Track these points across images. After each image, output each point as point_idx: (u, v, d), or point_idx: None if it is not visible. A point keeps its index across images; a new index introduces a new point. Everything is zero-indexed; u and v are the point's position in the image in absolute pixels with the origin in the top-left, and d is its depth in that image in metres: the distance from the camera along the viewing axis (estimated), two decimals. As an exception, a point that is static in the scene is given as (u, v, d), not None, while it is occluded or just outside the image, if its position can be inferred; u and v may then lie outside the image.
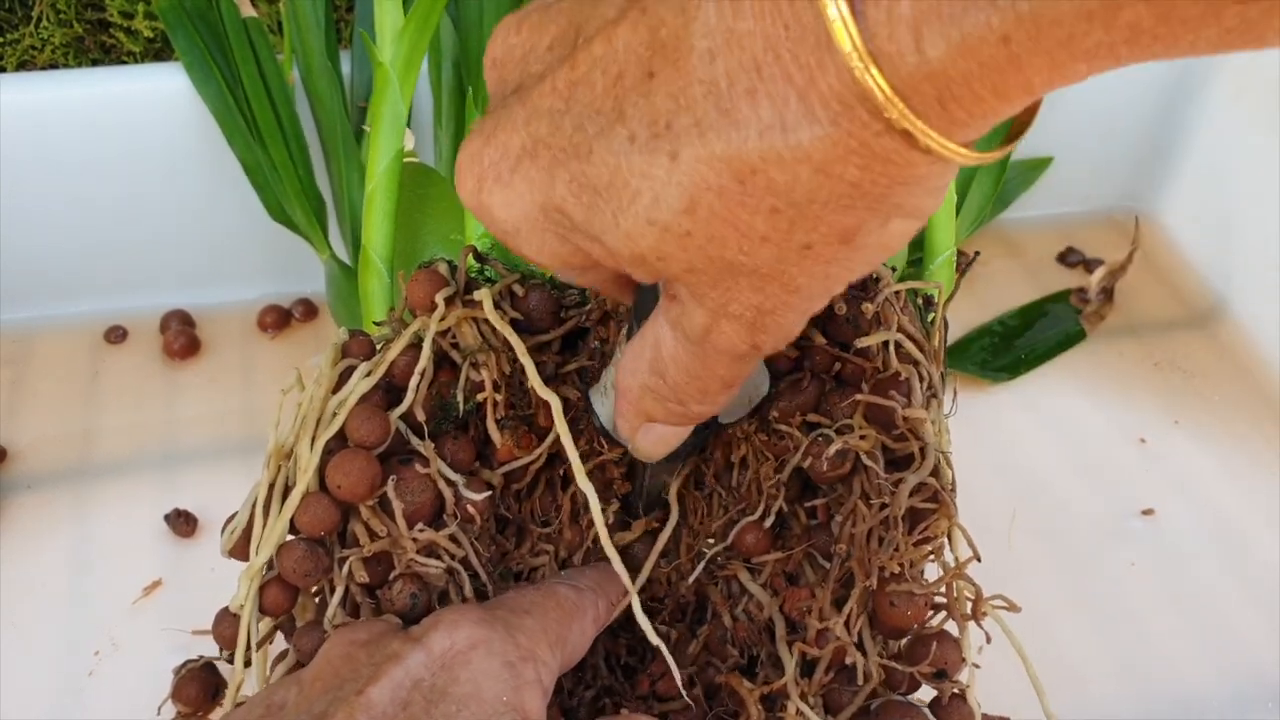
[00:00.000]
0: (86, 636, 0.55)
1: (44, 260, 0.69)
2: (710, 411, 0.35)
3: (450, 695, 0.33)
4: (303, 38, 0.65)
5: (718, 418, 0.40)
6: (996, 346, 0.72)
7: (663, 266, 0.29)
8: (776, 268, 0.28)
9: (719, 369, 0.32)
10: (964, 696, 0.41)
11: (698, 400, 0.34)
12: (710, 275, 0.28)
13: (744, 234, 0.27)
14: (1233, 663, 0.57)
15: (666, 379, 0.33)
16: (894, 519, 0.39)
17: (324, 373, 0.42)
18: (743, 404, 0.41)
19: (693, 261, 0.28)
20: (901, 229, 0.28)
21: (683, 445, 0.39)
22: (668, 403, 0.34)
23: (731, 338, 0.30)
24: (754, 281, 0.28)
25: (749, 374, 0.33)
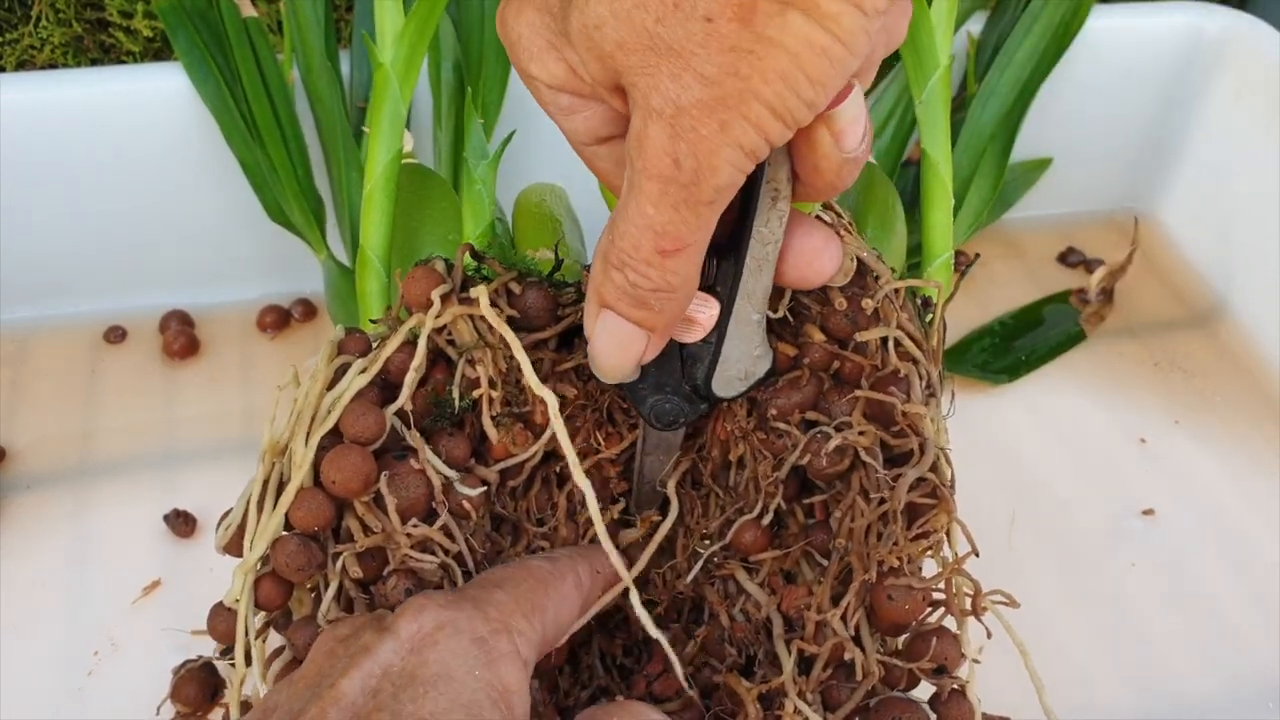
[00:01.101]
0: (86, 636, 0.55)
1: (44, 260, 0.69)
2: (648, 295, 0.34)
3: (419, 678, 0.33)
4: (303, 38, 0.65)
5: (714, 390, 0.40)
6: (996, 348, 0.72)
7: (599, 37, 0.30)
8: (686, 46, 0.29)
9: (649, 206, 0.32)
10: (963, 692, 0.41)
11: (635, 261, 0.33)
12: (638, 54, 0.30)
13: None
14: (1233, 663, 0.57)
15: (614, 234, 0.33)
16: (893, 514, 0.39)
17: (319, 369, 0.42)
18: (737, 378, 0.40)
19: (621, 32, 0.29)
20: (804, 30, 0.28)
21: (674, 415, 0.40)
22: (612, 271, 0.34)
23: (656, 143, 0.31)
24: (671, 66, 0.29)
25: (684, 234, 0.33)
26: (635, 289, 0.34)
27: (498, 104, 0.65)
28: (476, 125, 0.56)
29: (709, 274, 0.37)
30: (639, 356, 0.37)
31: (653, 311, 0.35)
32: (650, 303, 0.34)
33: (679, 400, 0.41)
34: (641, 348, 0.36)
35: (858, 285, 0.42)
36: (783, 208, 0.36)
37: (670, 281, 0.34)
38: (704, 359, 0.39)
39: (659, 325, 0.36)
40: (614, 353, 0.37)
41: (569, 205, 0.57)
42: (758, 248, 0.37)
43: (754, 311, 0.39)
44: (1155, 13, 0.76)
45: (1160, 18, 0.75)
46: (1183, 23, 0.75)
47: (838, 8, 0.28)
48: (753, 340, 0.40)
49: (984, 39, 0.73)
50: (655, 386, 0.40)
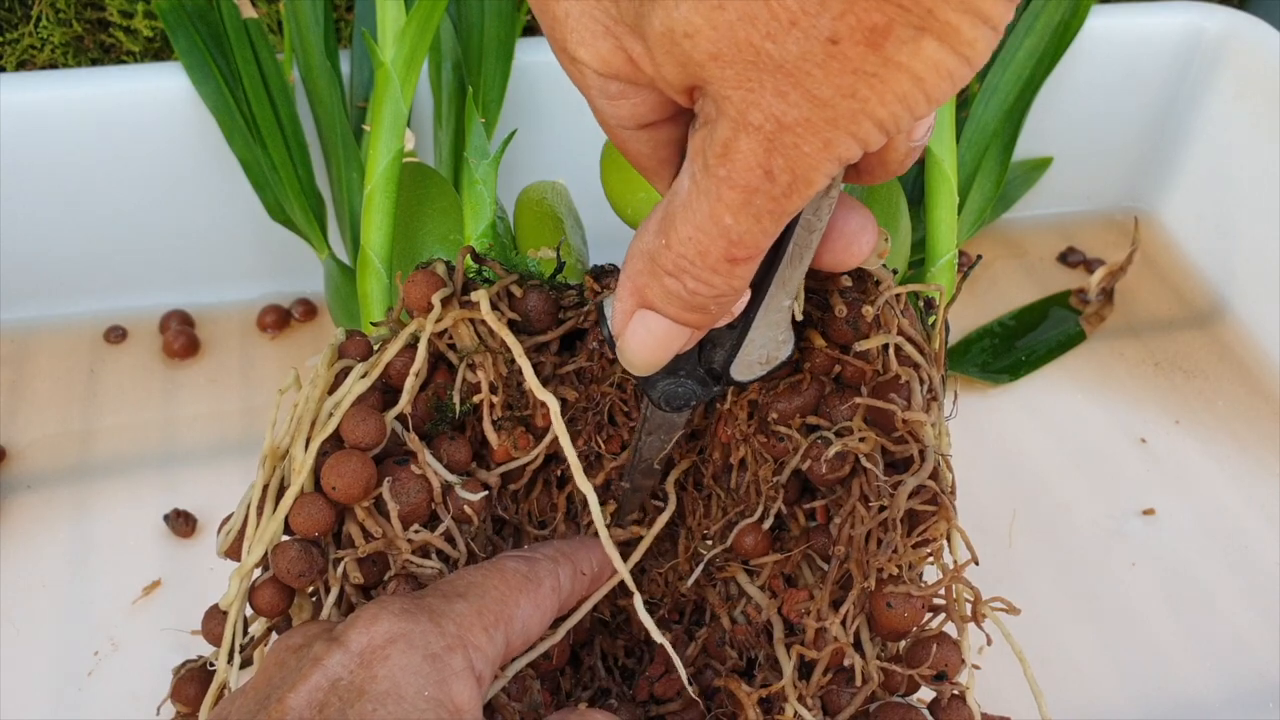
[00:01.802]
0: (86, 636, 0.55)
1: (44, 260, 0.69)
2: (708, 301, 0.33)
3: (368, 693, 0.32)
4: (303, 38, 0.65)
5: (733, 374, 0.38)
6: (997, 348, 0.72)
7: (690, 46, 0.28)
8: (801, 66, 0.26)
9: (728, 215, 0.30)
10: (963, 698, 0.41)
11: (697, 269, 0.31)
12: (736, 67, 0.27)
13: (774, 13, 0.26)
14: (1233, 663, 0.57)
15: (671, 238, 0.31)
16: (892, 521, 0.39)
17: (320, 373, 0.42)
18: (758, 362, 0.39)
19: (719, 44, 0.27)
20: (936, 56, 0.26)
21: (686, 398, 0.39)
22: (665, 277, 0.32)
23: (748, 156, 0.28)
24: (778, 83, 0.27)
25: (760, 241, 0.31)
26: (693, 295, 0.32)
27: (498, 103, 0.65)
28: (478, 124, 0.56)
29: None
30: (677, 351, 0.35)
31: (708, 314, 0.33)
32: (709, 307, 0.33)
33: (692, 384, 0.39)
34: (682, 344, 0.35)
35: (859, 290, 0.42)
36: (834, 195, 0.34)
37: (735, 286, 0.32)
38: (725, 343, 0.38)
39: (710, 323, 0.34)
40: (652, 349, 0.35)
41: (570, 203, 0.57)
42: (803, 235, 0.35)
43: (786, 297, 0.37)
44: (1155, 13, 0.76)
45: (1160, 18, 0.75)
46: (1183, 23, 0.75)
47: (976, 33, 0.26)
48: (780, 325, 0.38)
49: (985, 39, 0.73)
50: (668, 370, 0.39)
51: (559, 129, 0.71)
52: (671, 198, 0.31)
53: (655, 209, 0.33)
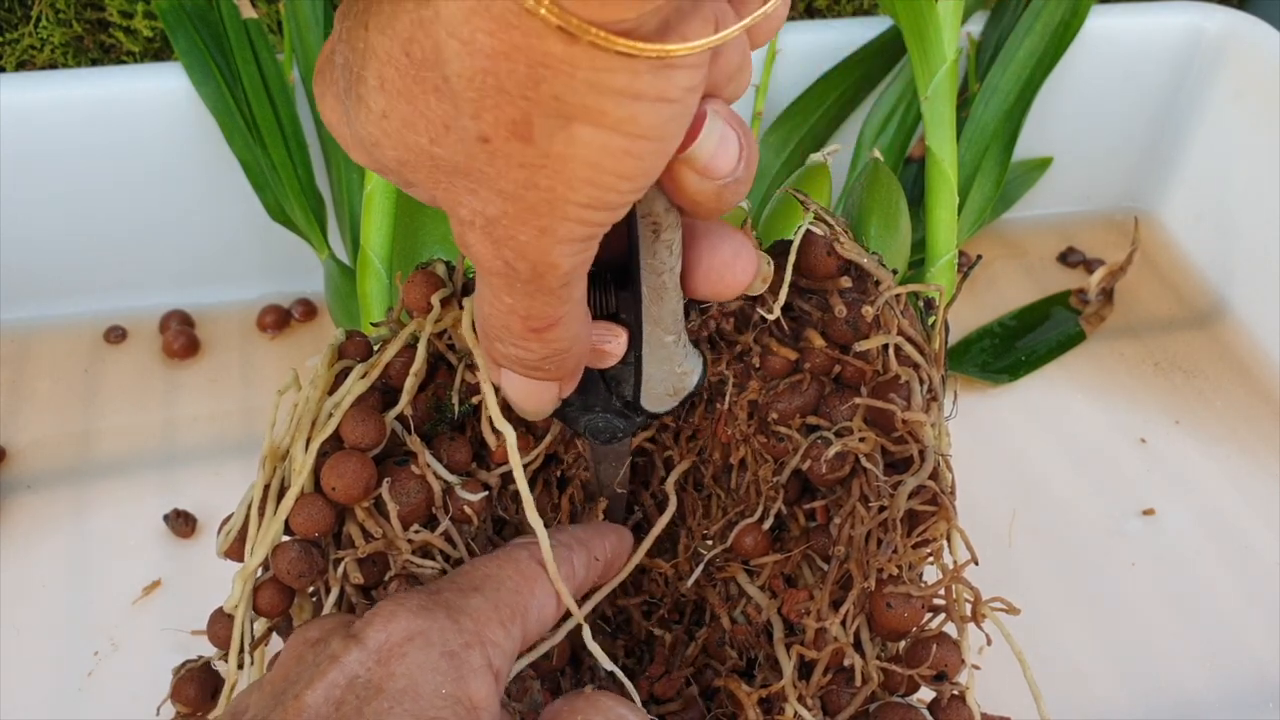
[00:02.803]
0: (86, 636, 0.55)
1: (43, 260, 0.69)
2: (539, 362, 0.33)
3: (385, 691, 0.32)
4: (303, 37, 0.65)
5: (644, 406, 0.38)
6: (997, 348, 0.72)
7: (380, 154, 0.28)
8: (473, 165, 0.26)
9: (503, 296, 0.30)
10: (963, 698, 0.41)
11: (505, 338, 0.32)
12: (423, 171, 0.28)
13: (427, 117, 0.26)
14: (1233, 663, 0.57)
15: (480, 314, 0.32)
16: (892, 521, 0.39)
17: (320, 374, 0.42)
18: (665, 394, 0.38)
19: (400, 152, 0.27)
20: (597, 139, 0.25)
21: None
22: (494, 344, 0.33)
23: (480, 249, 0.28)
24: (466, 182, 0.27)
25: (551, 313, 0.30)
26: (523, 359, 0.33)
27: (498, 104, 0.65)
28: (477, 125, 0.56)
29: (608, 304, 0.36)
30: (554, 398, 0.36)
31: (549, 371, 0.33)
32: (543, 366, 0.33)
33: (611, 417, 0.39)
34: (554, 394, 0.35)
35: (858, 291, 0.42)
36: (669, 237, 0.33)
37: (556, 349, 0.32)
38: (627, 379, 0.38)
39: (562, 377, 0.35)
40: (528, 400, 0.35)
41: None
42: (651, 278, 0.34)
43: (666, 334, 0.37)
44: (1155, 13, 0.76)
45: (1160, 18, 0.75)
46: (1183, 23, 0.75)
47: (628, 110, 0.25)
48: (673, 359, 0.38)
49: (984, 39, 0.73)
50: (583, 407, 0.39)
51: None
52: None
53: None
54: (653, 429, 0.46)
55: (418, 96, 0.26)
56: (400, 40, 0.25)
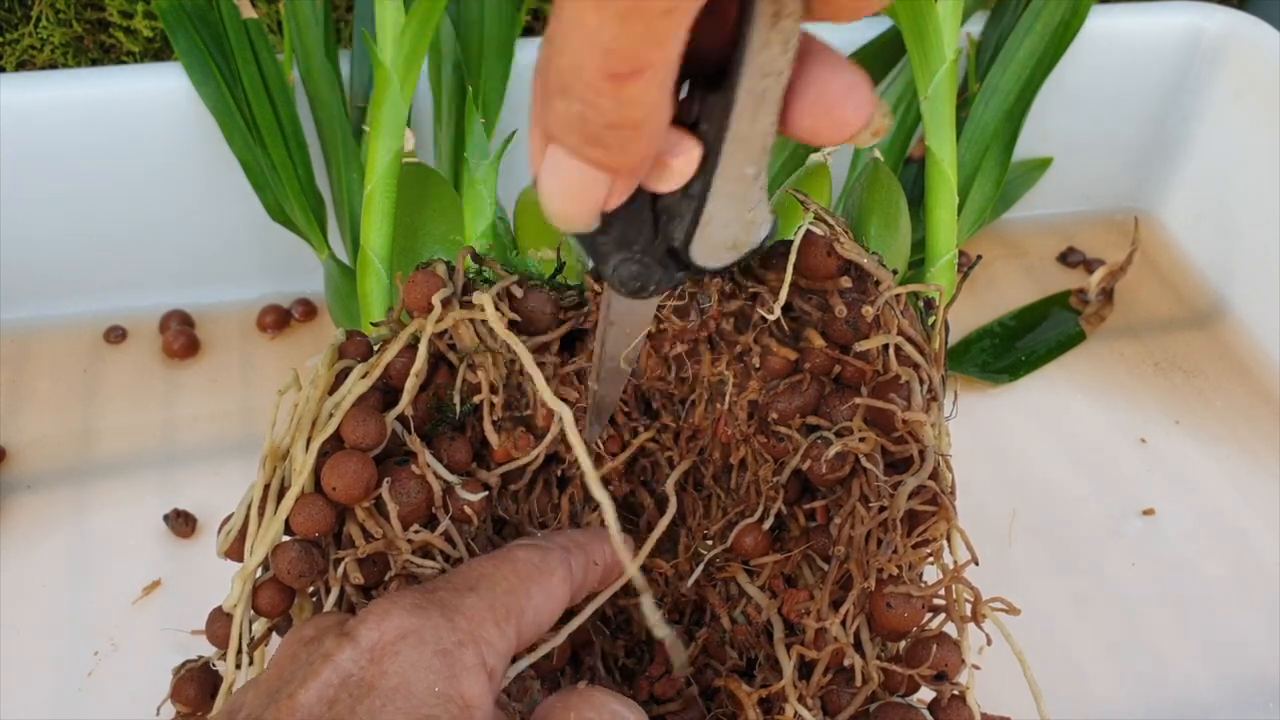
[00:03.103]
0: (86, 636, 0.55)
1: (43, 260, 0.69)
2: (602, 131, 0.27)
3: (378, 689, 0.32)
4: (302, 38, 0.65)
5: (693, 257, 0.33)
6: (997, 348, 0.72)
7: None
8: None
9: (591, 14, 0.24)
10: (963, 698, 0.41)
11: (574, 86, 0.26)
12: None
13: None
14: (1233, 663, 0.57)
15: (552, 51, 0.26)
16: (892, 521, 0.39)
17: (320, 374, 0.42)
18: (724, 245, 0.33)
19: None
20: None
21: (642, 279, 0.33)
22: (553, 95, 0.27)
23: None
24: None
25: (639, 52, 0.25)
26: (585, 123, 0.27)
27: (498, 103, 0.65)
28: (478, 124, 0.56)
29: (691, 110, 0.30)
30: (598, 203, 0.30)
31: (611, 150, 0.28)
32: (606, 139, 0.27)
33: (650, 262, 0.33)
34: (601, 193, 0.29)
35: (858, 290, 0.42)
36: (788, 29, 0.28)
37: (630, 115, 0.26)
38: (683, 216, 0.32)
39: (622, 167, 0.29)
40: (567, 196, 0.29)
41: (570, 204, 0.57)
42: (754, 80, 0.29)
43: (749, 164, 0.31)
44: (1155, 13, 0.76)
45: (1160, 18, 0.75)
46: (1183, 23, 0.75)
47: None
48: (747, 200, 0.32)
49: (984, 39, 0.73)
50: (620, 242, 0.33)
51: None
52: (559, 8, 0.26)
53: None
54: (653, 429, 0.46)
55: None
56: None
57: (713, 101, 0.29)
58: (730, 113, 0.29)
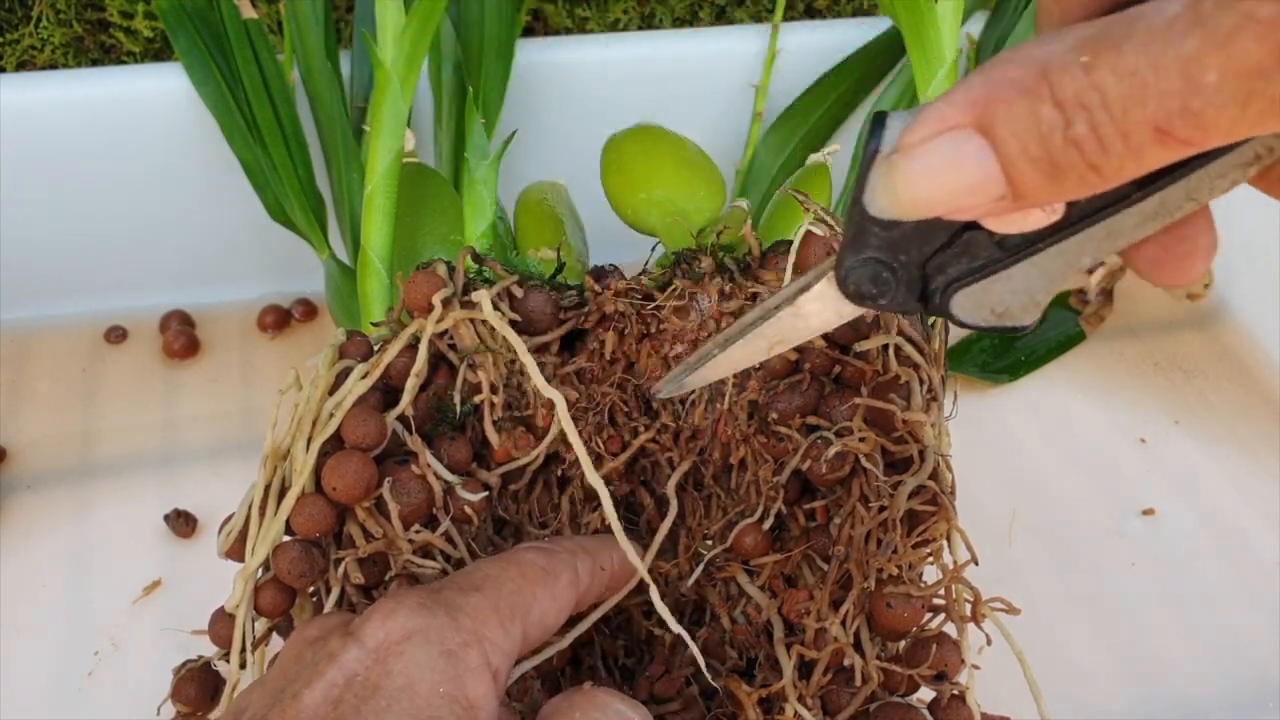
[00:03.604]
0: (86, 636, 0.55)
1: (43, 260, 0.69)
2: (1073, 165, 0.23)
3: (382, 690, 0.32)
4: (303, 38, 0.65)
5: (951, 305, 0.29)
6: (996, 348, 0.72)
7: None
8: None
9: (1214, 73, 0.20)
10: (963, 698, 0.41)
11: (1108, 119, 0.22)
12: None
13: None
14: (1233, 663, 0.57)
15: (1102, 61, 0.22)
16: (892, 521, 0.39)
17: (320, 374, 0.42)
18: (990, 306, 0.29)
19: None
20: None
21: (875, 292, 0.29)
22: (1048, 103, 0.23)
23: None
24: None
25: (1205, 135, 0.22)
26: (1067, 147, 0.23)
27: (498, 103, 0.65)
28: (478, 125, 0.56)
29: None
30: (956, 211, 0.25)
31: (1053, 184, 0.24)
32: (1067, 177, 0.23)
33: (901, 280, 0.29)
34: (979, 203, 0.25)
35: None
36: (1248, 174, 0.26)
37: (1123, 170, 0.23)
38: (978, 258, 0.28)
39: (1032, 198, 0.24)
40: (937, 187, 0.25)
41: (570, 203, 0.57)
42: (1178, 198, 0.26)
43: (1090, 253, 0.27)
44: (1156, 12, 0.75)
45: (1161, 17, 0.75)
46: (1183, 22, 0.75)
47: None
48: (1051, 280, 0.28)
49: (984, 39, 0.73)
50: (893, 244, 0.28)
51: (559, 129, 0.71)
52: (1129, 21, 0.22)
53: (1075, 27, 0.23)
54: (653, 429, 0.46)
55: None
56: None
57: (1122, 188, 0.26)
58: (1133, 203, 0.26)
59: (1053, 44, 0.23)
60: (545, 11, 0.76)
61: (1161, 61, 0.21)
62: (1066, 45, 0.23)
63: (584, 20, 0.77)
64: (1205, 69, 0.21)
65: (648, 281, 0.45)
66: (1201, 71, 0.21)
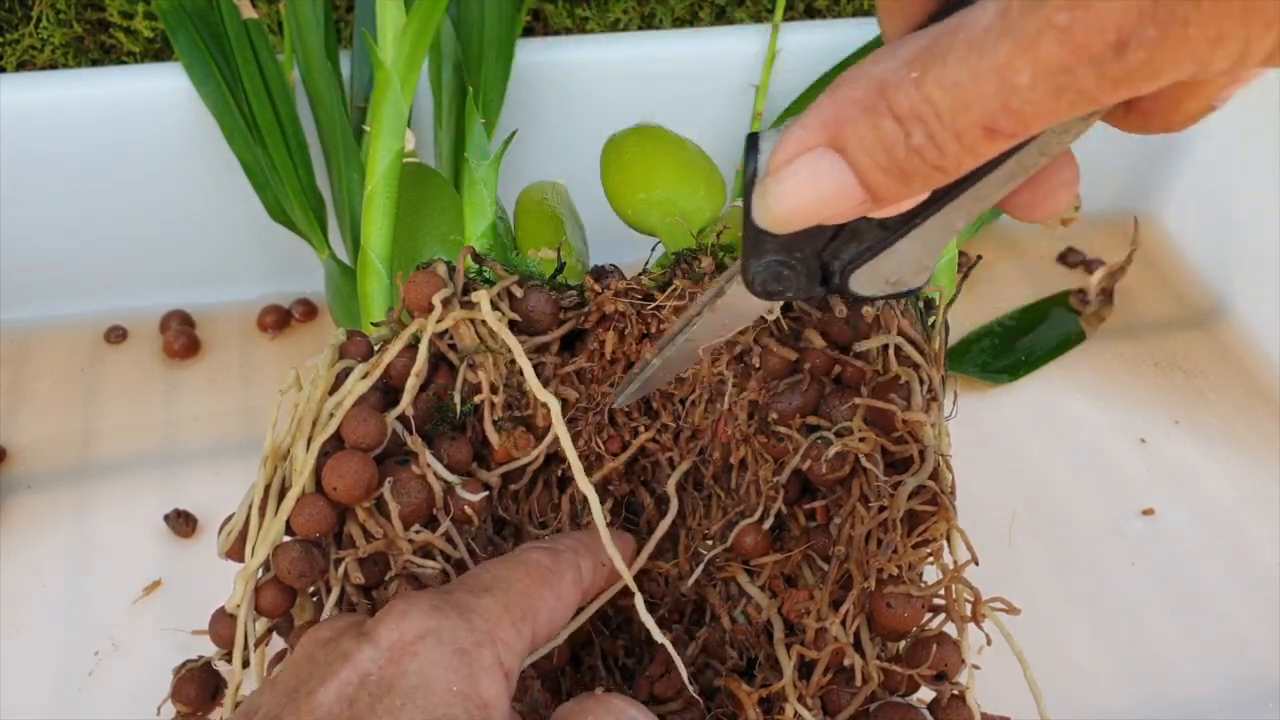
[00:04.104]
0: (86, 636, 0.55)
1: (44, 260, 0.69)
2: (919, 169, 0.26)
3: (397, 689, 0.32)
4: (303, 38, 0.65)
5: (851, 284, 0.32)
6: (997, 348, 0.72)
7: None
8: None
9: (1025, 74, 0.23)
10: (963, 698, 0.41)
11: (941, 125, 0.25)
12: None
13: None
14: (1233, 663, 0.57)
15: (929, 75, 0.25)
16: (892, 521, 0.39)
17: (321, 374, 0.42)
18: (886, 279, 0.32)
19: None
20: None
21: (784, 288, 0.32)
22: (887, 118, 0.25)
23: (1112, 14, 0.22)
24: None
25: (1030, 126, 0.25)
26: (910, 155, 0.26)
27: (499, 103, 0.65)
28: (478, 125, 0.56)
29: None
30: (829, 218, 0.28)
31: (904, 184, 0.27)
32: (912, 179, 0.26)
33: (801, 273, 0.32)
34: (842, 212, 0.28)
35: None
36: (1093, 121, 0.28)
37: (963, 165, 0.26)
38: (865, 241, 0.31)
39: (892, 199, 0.27)
40: (807, 203, 0.28)
41: (570, 203, 0.57)
42: (1032, 156, 0.28)
43: (962, 218, 0.30)
44: (1156, 12, 0.75)
45: (1161, 17, 0.75)
46: (1183, 22, 0.75)
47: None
48: (933, 247, 0.31)
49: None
50: (786, 246, 0.31)
51: (559, 129, 0.71)
52: (950, 32, 0.24)
53: (906, 40, 0.26)
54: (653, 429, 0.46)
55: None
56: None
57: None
58: (991, 171, 0.29)
59: (887, 61, 0.25)
60: (545, 11, 0.76)
61: (980, 70, 0.24)
62: (899, 61, 0.25)
63: (584, 20, 0.77)
64: (1017, 72, 0.23)
65: (648, 281, 0.45)
66: (1015, 74, 0.23)
